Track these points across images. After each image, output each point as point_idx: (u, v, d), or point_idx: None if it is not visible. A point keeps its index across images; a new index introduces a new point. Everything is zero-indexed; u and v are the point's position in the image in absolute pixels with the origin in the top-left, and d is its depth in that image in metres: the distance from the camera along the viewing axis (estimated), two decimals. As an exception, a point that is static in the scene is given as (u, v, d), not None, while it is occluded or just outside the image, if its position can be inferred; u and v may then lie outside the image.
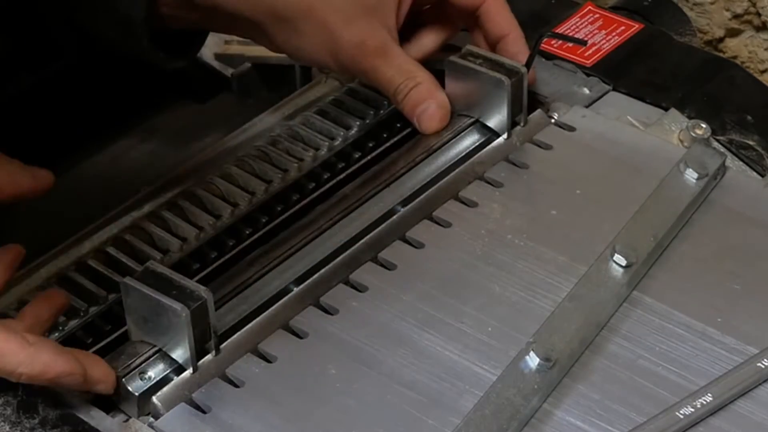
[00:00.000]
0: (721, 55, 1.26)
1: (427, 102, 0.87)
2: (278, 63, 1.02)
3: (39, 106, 0.96)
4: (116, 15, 0.87)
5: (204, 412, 0.73)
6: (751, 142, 0.90)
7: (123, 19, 0.87)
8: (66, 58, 0.93)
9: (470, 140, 0.89)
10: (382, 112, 0.91)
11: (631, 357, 0.75)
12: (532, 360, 0.72)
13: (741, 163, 0.89)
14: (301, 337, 0.77)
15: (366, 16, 0.86)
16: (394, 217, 0.84)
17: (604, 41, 0.98)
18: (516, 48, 0.91)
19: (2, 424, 0.71)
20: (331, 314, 0.78)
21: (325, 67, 0.88)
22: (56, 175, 0.92)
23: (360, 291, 0.79)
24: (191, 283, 0.73)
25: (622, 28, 1.00)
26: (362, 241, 0.82)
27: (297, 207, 0.86)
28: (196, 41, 0.91)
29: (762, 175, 0.89)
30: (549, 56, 0.97)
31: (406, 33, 0.91)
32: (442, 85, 0.90)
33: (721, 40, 1.29)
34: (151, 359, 0.74)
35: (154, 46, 0.87)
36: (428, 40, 0.92)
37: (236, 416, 0.72)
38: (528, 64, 0.93)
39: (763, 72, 1.29)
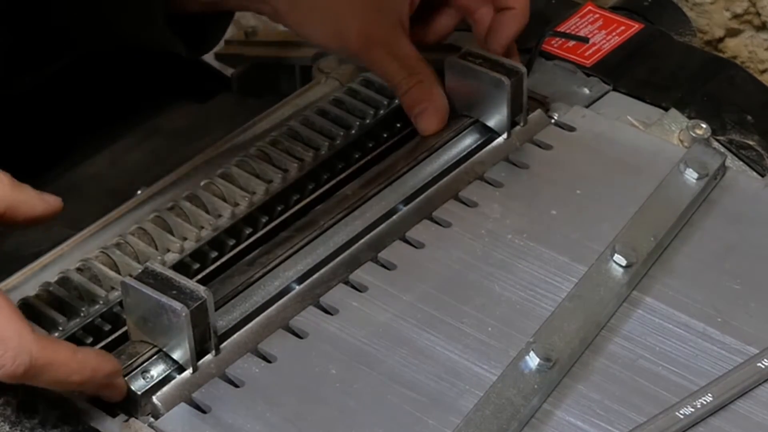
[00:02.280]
0: (721, 55, 1.26)
1: (425, 103, 0.87)
2: (278, 63, 1.02)
3: (39, 106, 0.96)
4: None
5: (204, 412, 0.73)
6: (751, 142, 0.90)
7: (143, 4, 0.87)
8: (67, 56, 0.93)
9: (470, 140, 0.89)
10: (382, 112, 0.91)
11: (631, 357, 0.75)
12: (532, 360, 0.72)
13: (741, 163, 0.89)
14: (301, 337, 0.77)
15: (376, 4, 0.86)
16: (394, 216, 0.84)
17: (604, 41, 0.98)
18: (505, 23, 0.90)
19: (2, 424, 0.71)
20: (331, 314, 0.78)
21: (334, 52, 0.89)
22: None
23: (360, 291, 0.79)
24: (191, 283, 0.73)
25: (622, 28, 1.00)
26: (362, 241, 0.82)
27: (297, 207, 0.86)
28: (211, 36, 0.91)
29: (762, 175, 0.89)
30: (549, 56, 0.97)
31: (420, 16, 0.90)
32: (441, 84, 0.90)
33: (721, 40, 1.29)
34: (152, 359, 0.74)
35: (170, 30, 0.87)
36: (440, 25, 0.92)
37: (236, 416, 0.72)
38: (529, 65, 0.93)
39: (763, 72, 1.29)
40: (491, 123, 0.89)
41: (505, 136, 0.89)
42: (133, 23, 0.89)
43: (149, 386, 0.73)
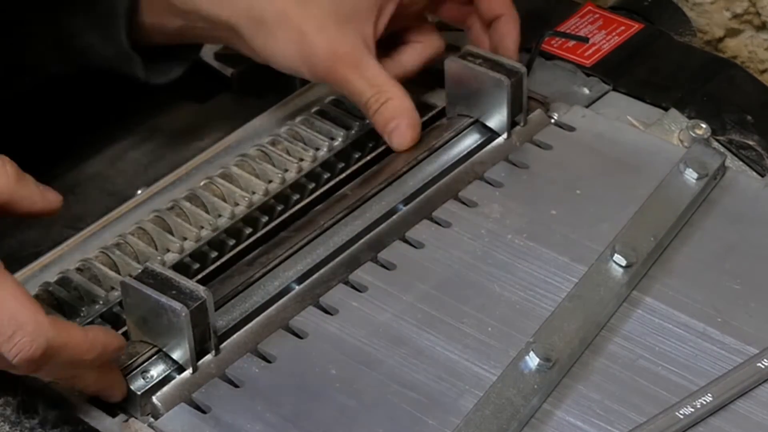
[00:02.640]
0: (721, 55, 1.26)
1: (397, 120, 0.87)
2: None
3: (39, 106, 0.96)
4: (99, 11, 0.87)
5: (204, 412, 0.73)
6: (751, 142, 0.90)
7: (105, 15, 0.87)
8: (29, 80, 0.94)
9: (470, 140, 0.89)
10: (382, 112, 0.91)
11: (631, 357, 0.75)
12: (532, 360, 0.72)
13: (741, 163, 0.89)
14: (301, 337, 0.77)
15: (341, 24, 0.86)
16: (394, 216, 0.84)
17: (604, 41, 0.98)
18: (506, 29, 0.92)
19: (2, 424, 0.71)
20: (331, 314, 0.78)
21: (299, 74, 0.88)
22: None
23: (360, 291, 0.79)
24: (191, 283, 0.73)
25: (622, 28, 1.00)
26: (362, 241, 0.82)
27: (297, 207, 0.86)
28: (175, 65, 0.92)
29: (762, 175, 0.89)
30: (549, 56, 0.97)
31: (387, 50, 0.91)
32: (441, 84, 0.90)
33: (721, 40, 1.29)
34: (152, 359, 0.74)
35: (132, 48, 0.87)
36: (409, 59, 0.92)
37: (236, 416, 0.72)
38: (529, 65, 0.93)
39: (763, 72, 1.29)
40: (491, 123, 0.89)
41: (505, 136, 0.89)
42: (95, 43, 0.89)
43: (149, 386, 0.73)
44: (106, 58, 0.90)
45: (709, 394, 0.72)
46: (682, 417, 0.71)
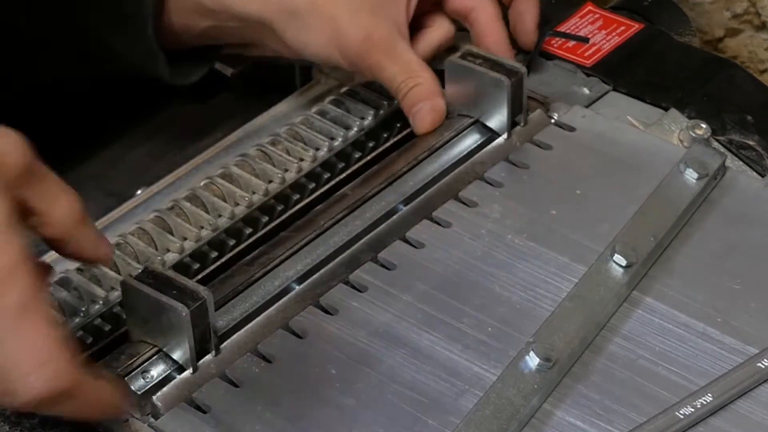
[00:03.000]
0: (721, 55, 1.26)
1: (422, 103, 0.87)
2: (278, 63, 1.02)
3: (39, 106, 0.96)
4: (125, 10, 0.87)
5: (204, 412, 0.73)
6: (751, 142, 0.90)
7: (132, 14, 0.87)
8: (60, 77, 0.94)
9: (470, 140, 0.89)
10: (382, 112, 0.91)
11: (631, 357, 0.75)
12: (532, 360, 0.72)
13: (741, 163, 0.89)
14: (301, 337, 0.77)
15: (373, 10, 0.87)
16: (394, 216, 0.84)
17: (604, 41, 0.98)
18: (524, 6, 0.93)
19: (2, 424, 0.71)
20: (331, 314, 0.78)
21: (334, 62, 0.89)
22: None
23: (360, 291, 0.79)
24: (191, 283, 0.73)
25: (622, 28, 1.00)
26: (362, 241, 0.82)
27: (297, 207, 0.86)
28: (200, 65, 0.92)
29: (762, 175, 0.89)
30: (549, 56, 0.97)
31: (410, 31, 0.91)
32: (441, 84, 0.90)
33: (721, 40, 1.29)
34: (152, 359, 0.74)
35: (158, 45, 0.87)
36: (422, 44, 0.92)
37: (236, 416, 0.72)
38: (529, 65, 0.93)
39: (763, 72, 1.29)
40: (491, 123, 0.89)
41: (505, 136, 0.89)
42: (119, 45, 0.89)
43: (149, 386, 0.73)
44: (130, 60, 0.89)
45: (709, 394, 0.72)
46: (682, 417, 0.71)
